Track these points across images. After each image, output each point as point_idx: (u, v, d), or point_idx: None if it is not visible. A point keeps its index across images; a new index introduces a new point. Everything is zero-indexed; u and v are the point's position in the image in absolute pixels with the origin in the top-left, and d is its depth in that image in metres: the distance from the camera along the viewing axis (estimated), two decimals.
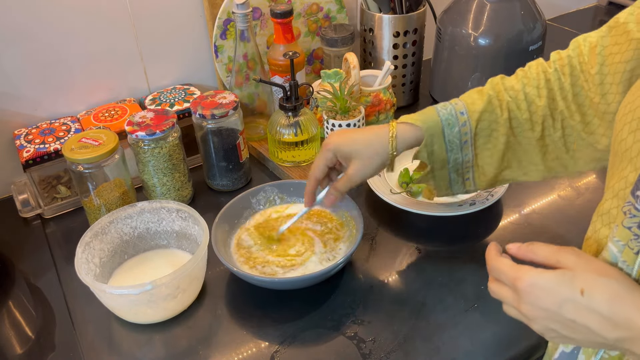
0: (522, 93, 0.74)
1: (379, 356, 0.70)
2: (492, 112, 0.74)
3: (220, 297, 0.80)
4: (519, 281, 0.51)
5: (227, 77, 1.13)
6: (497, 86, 0.75)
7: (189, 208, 0.81)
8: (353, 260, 0.84)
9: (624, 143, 0.52)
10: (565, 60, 0.72)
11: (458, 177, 0.80)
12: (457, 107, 0.75)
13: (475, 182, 0.80)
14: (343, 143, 0.75)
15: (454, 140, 0.75)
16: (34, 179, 0.95)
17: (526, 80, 0.74)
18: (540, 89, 0.73)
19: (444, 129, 0.75)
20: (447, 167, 0.78)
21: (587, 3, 1.69)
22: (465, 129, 0.75)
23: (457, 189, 0.81)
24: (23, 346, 0.75)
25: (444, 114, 0.75)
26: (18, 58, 0.96)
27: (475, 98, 0.75)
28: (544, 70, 0.74)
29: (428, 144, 0.76)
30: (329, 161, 0.77)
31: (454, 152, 0.77)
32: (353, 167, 0.75)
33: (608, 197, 0.54)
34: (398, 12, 1.11)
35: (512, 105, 0.74)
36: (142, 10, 1.03)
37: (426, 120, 0.75)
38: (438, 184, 0.81)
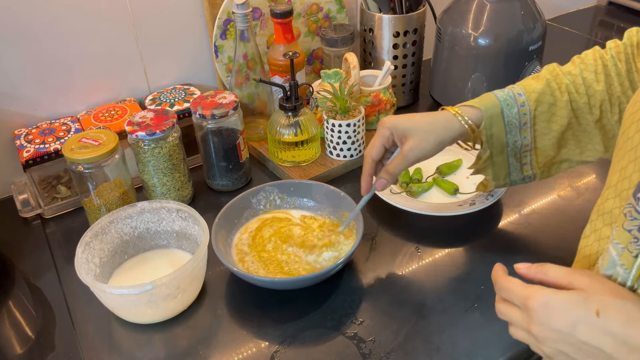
0: (579, 77, 0.74)
1: (379, 356, 0.70)
2: (551, 95, 0.75)
3: (220, 297, 0.80)
4: (530, 300, 0.49)
5: (227, 77, 1.13)
6: (554, 71, 0.76)
7: (189, 208, 0.81)
8: (353, 260, 0.84)
9: (630, 141, 0.51)
10: (621, 47, 0.74)
11: (516, 162, 0.79)
12: (514, 89, 0.76)
13: (532, 166, 0.80)
14: (401, 120, 0.74)
15: (513, 121, 0.75)
16: (34, 179, 0.95)
17: (583, 65, 0.75)
18: (598, 74, 0.74)
19: (503, 110, 0.75)
20: (505, 152, 0.78)
21: (587, 3, 1.69)
22: (524, 109, 0.75)
23: (515, 176, 0.81)
24: (23, 346, 0.75)
25: (502, 95, 0.76)
26: (18, 58, 0.96)
27: (532, 82, 0.76)
28: (601, 56, 0.75)
29: (487, 126, 0.75)
30: (385, 139, 0.75)
31: (513, 135, 0.76)
32: (409, 144, 0.73)
33: (610, 195, 0.53)
34: (398, 12, 1.11)
35: (571, 88, 0.75)
36: (142, 11, 1.03)
37: (485, 103, 0.75)
38: (496, 173, 0.81)
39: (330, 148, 1.02)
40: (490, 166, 0.80)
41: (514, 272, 0.54)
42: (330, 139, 1.01)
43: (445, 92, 1.16)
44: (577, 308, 0.47)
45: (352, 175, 1.02)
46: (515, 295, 0.51)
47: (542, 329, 0.48)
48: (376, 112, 1.07)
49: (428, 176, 0.99)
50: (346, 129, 0.98)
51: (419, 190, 0.95)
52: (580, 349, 0.47)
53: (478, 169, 0.81)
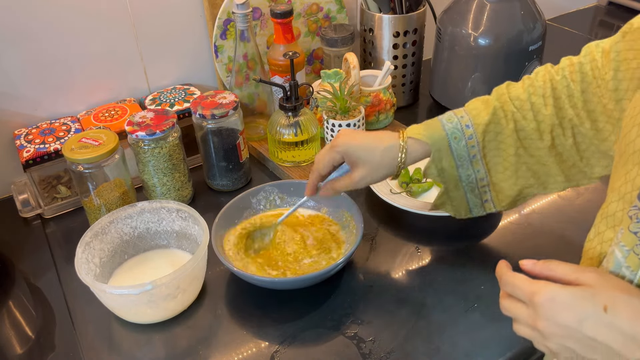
0: (527, 102, 0.73)
1: (379, 356, 0.70)
2: (497, 124, 0.74)
3: (220, 297, 0.80)
4: (537, 295, 0.48)
5: (227, 77, 1.13)
6: (503, 97, 0.75)
7: (189, 208, 0.81)
8: (353, 260, 0.84)
9: (632, 145, 0.51)
10: (576, 66, 0.71)
11: (476, 198, 0.79)
12: (462, 120, 0.75)
13: (494, 203, 0.79)
14: (353, 147, 0.74)
15: (463, 154, 0.75)
16: (34, 179, 0.95)
17: (532, 89, 0.73)
18: (547, 98, 0.72)
19: (451, 143, 0.74)
20: (461, 186, 0.78)
21: (587, 3, 1.69)
22: (472, 142, 0.74)
23: (477, 211, 0.80)
24: (23, 346, 0.75)
25: (450, 127, 0.74)
26: (18, 58, 0.96)
27: (481, 109, 0.75)
28: (551, 78, 0.72)
29: (436, 159, 0.75)
30: (335, 161, 0.76)
31: (465, 168, 0.76)
32: (359, 174, 0.75)
33: (613, 199, 0.53)
34: (398, 12, 1.11)
35: (517, 116, 0.73)
36: (142, 11, 1.03)
37: (432, 136, 0.75)
38: (456, 208, 0.80)
39: None
40: (448, 201, 0.80)
41: (518, 269, 0.54)
42: (330, 139, 1.01)
43: (445, 92, 1.16)
44: (584, 303, 0.46)
45: None
46: (521, 291, 0.51)
47: (549, 324, 0.48)
48: (376, 112, 1.07)
49: None
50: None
51: (419, 190, 0.95)
52: (587, 344, 0.47)
53: (436, 205, 0.81)
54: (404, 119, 1.14)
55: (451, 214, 0.81)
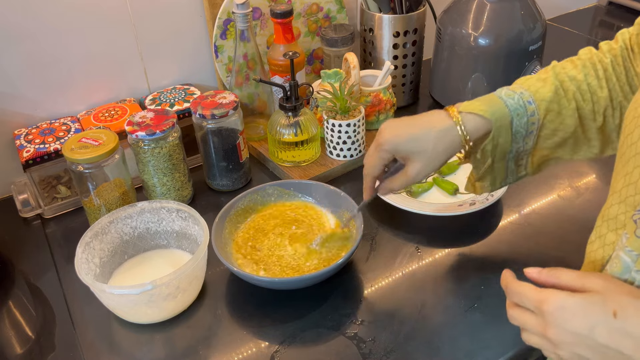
0: (585, 84, 0.71)
1: (379, 356, 0.70)
2: (559, 103, 0.71)
3: (220, 297, 0.80)
4: (545, 304, 0.48)
5: (227, 77, 1.13)
6: (560, 75, 0.72)
7: (189, 208, 0.81)
8: (353, 260, 0.84)
9: (634, 146, 0.51)
10: (617, 51, 0.71)
11: (514, 165, 0.76)
12: (523, 96, 0.70)
13: (527, 167, 0.76)
14: (402, 141, 0.69)
15: (521, 130, 0.70)
16: (34, 179, 0.95)
17: (586, 70, 0.72)
18: (601, 80, 0.70)
19: (513, 120, 0.69)
20: (506, 158, 0.74)
21: (587, 3, 1.69)
22: (534, 119, 0.70)
23: (510, 179, 0.77)
24: (23, 346, 0.75)
25: (512, 104, 0.69)
26: (18, 58, 0.96)
27: (539, 86, 0.71)
28: (600, 60, 0.71)
29: (495, 136, 0.70)
30: (385, 160, 0.72)
31: (517, 142, 0.72)
32: (415, 168, 0.70)
33: (614, 201, 0.52)
34: (398, 12, 1.11)
35: (577, 96, 0.71)
36: (142, 10, 1.03)
37: (495, 112, 0.69)
38: (494, 179, 0.76)
39: (330, 148, 1.02)
40: (489, 173, 0.77)
41: (520, 272, 0.54)
42: (330, 139, 1.01)
43: (445, 92, 1.16)
44: (594, 310, 0.46)
45: (352, 175, 1.02)
46: (529, 300, 0.50)
47: (559, 332, 0.48)
48: (376, 112, 1.07)
49: None
50: (346, 129, 0.98)
51: (419, 190, 0.95)
52: (598, 351, 0.46)
53: (479, 177, 0.77)
54: None
55: (487, 185, 0.77)
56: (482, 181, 0.78)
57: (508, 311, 0.53)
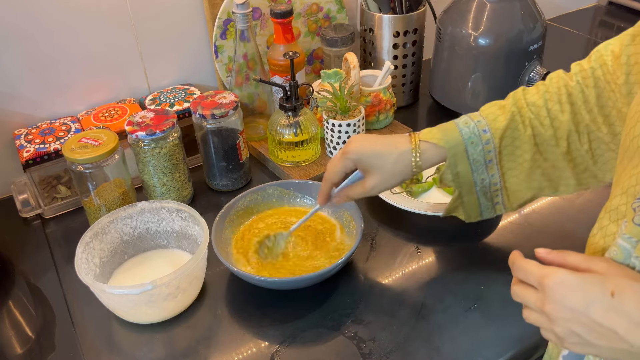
0: (544, 109, 0.72)
1: (379, 356, 0.70)
2: (515, 129, 0.73)
3: (220, 297, 0.80)
4: (546, 278, 0.49)
5: (227, 77, 1.13)
6: (520, 102, 0.74)
7: (189, 208, 0.81)
8: (353, 260, 0.84)
9: (636, 140, 0.51)
10: (588, 72, 0.71)
11: (487, 201, 0.78)
12: (479, 124, 0.74)
13: (505, 206, 0.79)
14: (366, 154, 0.74)
15: (479, 159, 0.74)
16: (34, 179, 0.95)
17: (548, 95, 0.73)
18: (563, 104, 0.72)
19: (467, 148, 0.74)
20: (474, 191, 0.77)
21: (587, 3, 1.69)
22: (489, 147, 0.74)
23: (487, 214, 0.80)
24: (23, 346, 0.75)
25: (467, 132, 0.74)
26: (18, 58, 0.96)
27: (498, 114, 0.74)
28: (565, 84, 0.72)
29: (452, 165, 0.75)
30: (347, 169, 0.76)
31: (480, 173, 0.75)
32: (372, 181, 0.74)
33: (617, 193, 0.53)
34: (398, 12, 1.11)
35: (535, 122, 0.73)
36: (142, 10, 1.03)
37: (449, 140, 0.74)
38: (468, 211, 0.80)
39: (330, 148, 1.02)
40: (460, 206, 0.79)
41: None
42: (330, 139, 1.01)
43: (445, 92, 1.16)
44: (592, 287, 0.47)
45: None
46: (532, 275, 0.51)
47: (557, 307, 0.48)
48: (376, 112, 1.07)
49: (428, 176, 0.98)
50: (346, 129, 0.98)
51: (419, 190, 0.95)
52: (593, 329, 0.47)
53: (448, 210, 0.80)
54: (404, 119, 1.14)
55: (462, 218, 0.81)
56: (456, 213, 0.81)
57: (512, 287, 0.54)
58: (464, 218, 0.81)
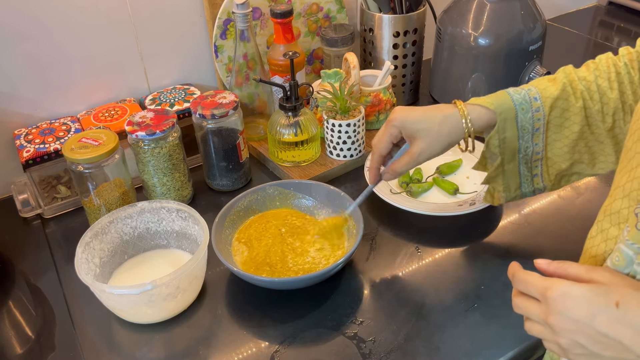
0: (594, 84, 0.73)
1: (379, 356, 0.70)
2: (566, 100, 0.73)
3: (220, 297, 0.80)
4: (550, 290, 0.48)
5: (227, 77, 1.13)
6: (571, 75, 0.75)
7: (189, 208, 0.81)
8: (353, 260, 0.84)
9: (638, 144, 0.51)
10: (634, 55, 0.72)
11: (528, 172, 0.78)
12: (530, 92, 0.74)
13: (543, 178, 0.79)
14: (410, 120, 0.73)
15: (527, 126, 0.74)
16: (34, 179, 0.95)
17: (598, 72, 0.74)
18: (612, 82, 0.73)
19: (518, 114, 0.73)
20: (517, 159, 0.77)
21: (587, 3, 1.69)
22: (539, 114, 0.74)
23: (526, 187, 0.80)
24: (23, 346, 0.75)
25: (518, 98, 0.74)
26: (18, 58, 0.96)
27: (548, 85, 0.75)
28: (614, 63, 0.74)
29: (500, 130, 0.74)
30: (394, 137, 0.75)
31: (525, 140, 0.75)
32: (418, 146, 0.73)
33: (617, 196, 0.53)
34: (398, 12, 1.11)
35: (585, 95, 0.73)
36: (142, 10, 1.03)
37: (500, 104, 0.73)
38: (508, 183, 0.79)
39: (330, 148, 1.02)
40: (501, 174, 0.79)
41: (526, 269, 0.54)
42: (330, 139, 1.01)
43: (445, 92, 1.16)
44: (597, 299, 0.46)
45: (352, 175, 1.02)
46: (534, 287, 0.51)
47: (561, 319, 0.48)
48: (376, 112, 1.07)
49: (428, 176, 0.99)
50: (346, 129, 0.98)
51: (419, 190, 0.95)
52: (598, 340, 0.47)
53: (489, 178, 0.79)
54: None
55: (500, 190, 0.80)
56: (495, 183, 0.79)
57: (513, 299, 0.54)
58: (503, 190, 0.80)
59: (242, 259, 0.82)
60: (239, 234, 0.86)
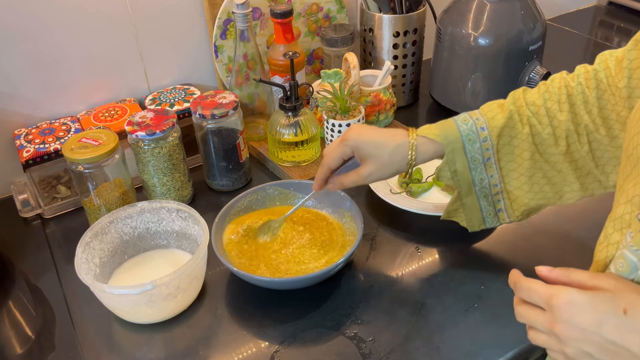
0: (543, 108, 0.73)
1: (379, 356, 0.70)
2: (512, 128, 0.73)
3: (220, 297, 0.80)
4: (555, 298, 0.48)
5: (227, 77, 1.13)
6: (519, 101, 0.74)
7: (189, 208, 0.81)
8: (353, 260, 0.84)
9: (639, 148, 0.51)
10: (590, 73, 0.71)
11: (489, 206, 0.78)
12: (477, 122, 0.74)
13: (508, 213, 0.78)
14: (364, 142, 0.74)
15: (476, 156, 0.74)
16: (34, 179, 0.95)
17: (547, 95, 0.73)
18: (562, 104, 0.72)
19: (465, 145, 0.74)
20: (474, 192, 0.77)
21: (587, 3, 1.69)
22: (487, 144, 0.74)
23: (490, 222, 0.80)
24: (23, 346, 0.75)
25: (465, 129, 0.74)
26: (18, 58, 0.96)
27: (496, 112, 0.74)
28: (566, 84, 0.72)
29: (450, 161, 0.75)
30: (345, 155, 0.76)
31: (479, 172, 0.75)
32: (367, 169, 0.75)
33: (621, 201, 0.52)
34: (398, 12, 1.11)
35: (533, 120, 0.73)
36: (142, 10, 1.03)
37: (447, 136, 0.74)
38: (469, 217, 0.80)
39: None
40: (461, 208, 0.79)
41: (524, 272, 0.54)
42: (330, 139, 1.01)
43: (445, 92, 1.16)
44: (603, 306, 0.46)
45: None
46: (538, 295, 0.50)
47: (567, 327, 0.47)
48: (376, 112, 1.07)
49: (428, 176, 0.98)
50: (346, 128, 0.98)
51: (419, 190, 0.95)
52: (605, 348, 0.46)
53: (449, 212, 0.80)
54: (404, 119, 1.14)
55: (464, 224, 0.81)
56: (456, 217, 0.81)
57: (515, 308, 0.53)
58: (466, 224, 0.81)
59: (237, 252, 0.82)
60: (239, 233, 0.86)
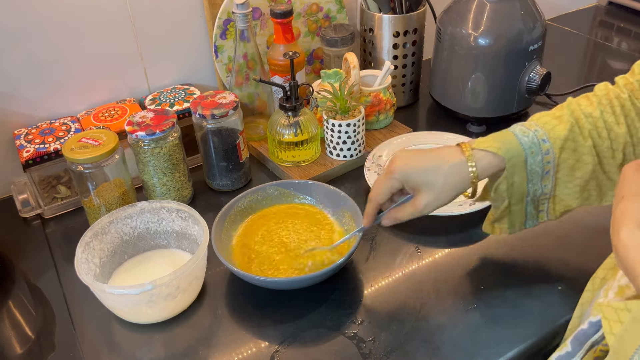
0: (601, 120, 0.70)
1: (379, 356, 0.70)
2: (574, 140, 0.70)
3: (220, 297, 0.80)
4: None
5: (227, 77, 1.13)
6: (576, 112, 0.71)
7: (189, 208, 0.81)
8: (353, 260, 0.84)
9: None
10: (635, 85, 0.69)
11: (534, 210, 0.75)
12: (538, 134, 0.69)
13: (548, 214, 0.75)
14: (413, 172, 0.69)
15: (536, 169, 0.70)
16: (34, 179, 0.95)
17: (602, 107, 0.70)
18: (618, 116, 0.69)
19: (527, 158, 0.69)
20: (524, 201, 0.73)
21: (587, 3, 1.69)
22: (549, 157, 0.69)
23: (530, 223, 0.77)
24: (23, 346, 0.75)
25: (526, 141, 0.69)
26: (18, 58, 0.96)
27: (555, 124, 0.70)
28: (617, 95, 0.70)
29: (509, 175, 0.70)
30: (394, 189, 0.71)
31: (534, 184, 0.71)
32: (423, 199, 0.70)
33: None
34: (398, 12, 1.11)
35: (593, 133, 0.70)
36: (142, 10, 1.03)
37: (509, 149, 0.69)
38: (513, 221, 0.76)
39: (330, 148, 1.02)
40: (507, 215, 0.75)
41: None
42: (330, 139, 1.01)
43: (445, 92, 1.16)
44: None
45: (352, 175, 1.02)
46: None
47: None
48: (376, 112, 1.07)
49: None
50: (346, 129, 0.98)
51: None
52: None
53: (495, 219, 0.76)
54: (404, 119, 1.14)
55: (505, 227, 0.77)
56: (500, 223, 0.77)
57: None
58: (507, 228, 0.77)
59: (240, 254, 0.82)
60: (239, 234, 0.86)
